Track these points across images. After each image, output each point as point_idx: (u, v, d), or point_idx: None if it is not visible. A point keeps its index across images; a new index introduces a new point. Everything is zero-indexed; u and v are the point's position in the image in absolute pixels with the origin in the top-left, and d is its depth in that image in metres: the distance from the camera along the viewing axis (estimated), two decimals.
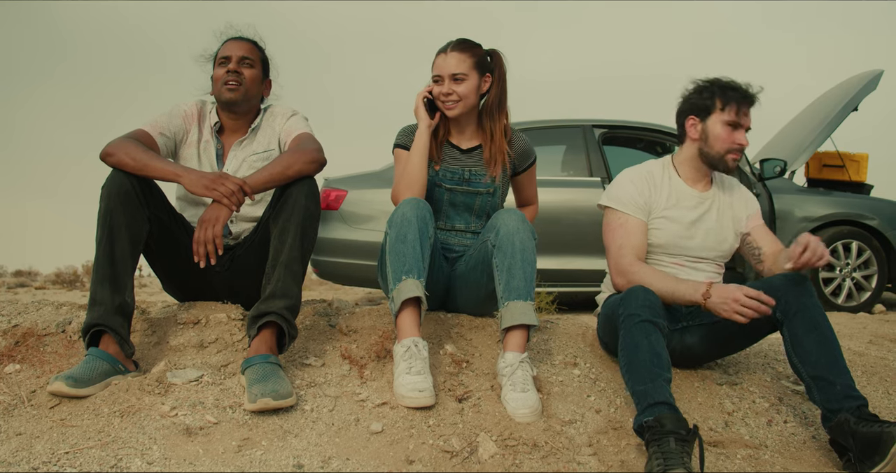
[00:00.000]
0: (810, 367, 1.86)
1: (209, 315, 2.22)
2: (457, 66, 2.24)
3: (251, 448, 1.63)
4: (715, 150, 2.15)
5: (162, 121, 2.24)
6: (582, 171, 4.71)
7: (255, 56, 2.32)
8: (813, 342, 1.87)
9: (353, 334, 2.22)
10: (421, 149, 2.24)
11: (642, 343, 1.82)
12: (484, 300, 2.28)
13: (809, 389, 1.87)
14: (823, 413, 1.83)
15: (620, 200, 2.19)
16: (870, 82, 4.94)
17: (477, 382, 2.01)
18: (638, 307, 1.87)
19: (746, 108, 2.13)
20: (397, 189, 2.24)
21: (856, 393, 1.80)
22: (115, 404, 1.76)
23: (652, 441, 1.65)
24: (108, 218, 1.91)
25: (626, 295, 1.92)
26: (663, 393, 1.73)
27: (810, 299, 1.92)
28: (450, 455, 1.67)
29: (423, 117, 2.28)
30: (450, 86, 2.25)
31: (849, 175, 5.48)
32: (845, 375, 1.83)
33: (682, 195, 2.21)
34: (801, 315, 1.90)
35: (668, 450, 1.59)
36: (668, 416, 1.67)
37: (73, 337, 2.11)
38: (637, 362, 1.80)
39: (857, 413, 1.75)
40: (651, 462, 1.61)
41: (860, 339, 3.12)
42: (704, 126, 2.16)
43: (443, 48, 2.28)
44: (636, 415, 1.75)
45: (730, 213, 2.24)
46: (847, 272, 4.72)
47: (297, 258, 1.98)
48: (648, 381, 1.76)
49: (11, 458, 1.56)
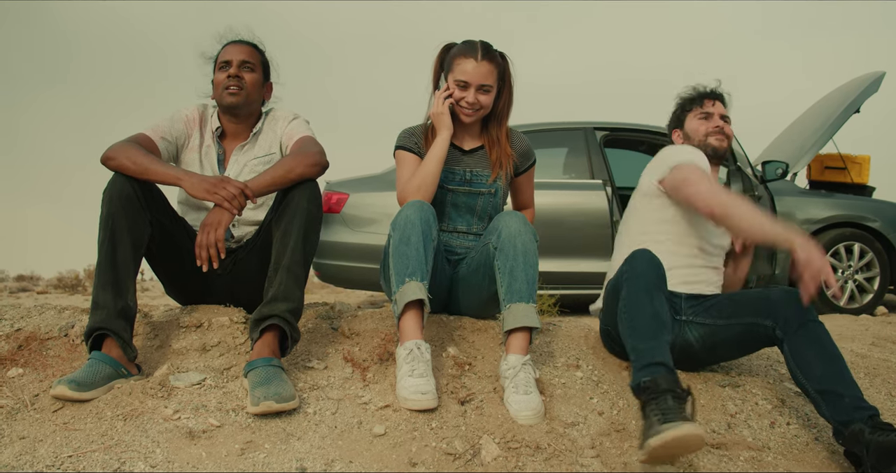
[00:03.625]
0: (816, 382, 1.84)
1: (211, 318, 2.22)
2: (486, 77, 2.20)
3: (254, 452, 1.63)
4: (696, 140, 2.34)
5: (163, 125, 2.24)
6: (584, 174, 4.72)
7: (256, 60, 2.32)
8: (816, 356, 1.86)
9: (356, 337, 2.22)
10: (441, 157, 2.20)
11: (646, 303, 1.84)
12: (486, 302, 2.28)
13: (817, 404, 1.84)
14: (835, 427, 1.80)
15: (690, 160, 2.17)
16: (871, 84, 4.94)
17: (479, 384, 2.01)
18: (644, 269, 1.90)
19: (710, 101, 2.36)
20: (406, 190, 2.19)
21: (865, 404, 1.77)
22: (118, 407, 1.76)
23: (650, 400, 1.67)
24: (110, 222, 1.92)
25: (632, 258, 1.94)
26: (663, 353, 1.76)
27: (810, 314, 1.92)
28: (453, 457, 1.67)
29: (449, 124, 2.24)
30: (475, 95, 2.22)
31: (851, 177, 5.48)
32: (853, 387, 1.81)
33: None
34: (802, 331, 1.90)
35: (665, 407, 1.62)
36: (664, 376, 1.70)
37: (76, 341, 2.12)
38: (639, 319, 1.82)
39: (870, 423, 1.73)
40: (650, 418, 1.63)
41: (862, 341, 3.12)
42: (684, 130, 2.40)
43: (471, 53, 2.21)
44: (634, 373, 1.77)
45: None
46: (849, 274, 4.71)
47: (300, 261, 1.98)
48: (650, 339, 1.78)
49: (15, 462, 1.56)
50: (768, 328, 1.96)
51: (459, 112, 2.26)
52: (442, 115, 2.23)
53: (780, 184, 4.79)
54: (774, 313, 1.95)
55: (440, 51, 2.34)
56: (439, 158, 2.20)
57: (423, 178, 2.19)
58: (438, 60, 2.34)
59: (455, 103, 2.25)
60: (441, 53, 2.34)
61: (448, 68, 2.26)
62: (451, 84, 2.24)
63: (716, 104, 2.36)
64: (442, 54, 2.34)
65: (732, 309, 2.07)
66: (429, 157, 2.21)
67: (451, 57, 2.26)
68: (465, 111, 2.25)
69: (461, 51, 2.24)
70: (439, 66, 2.34)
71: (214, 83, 2.31)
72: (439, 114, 2.24)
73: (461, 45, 2.27)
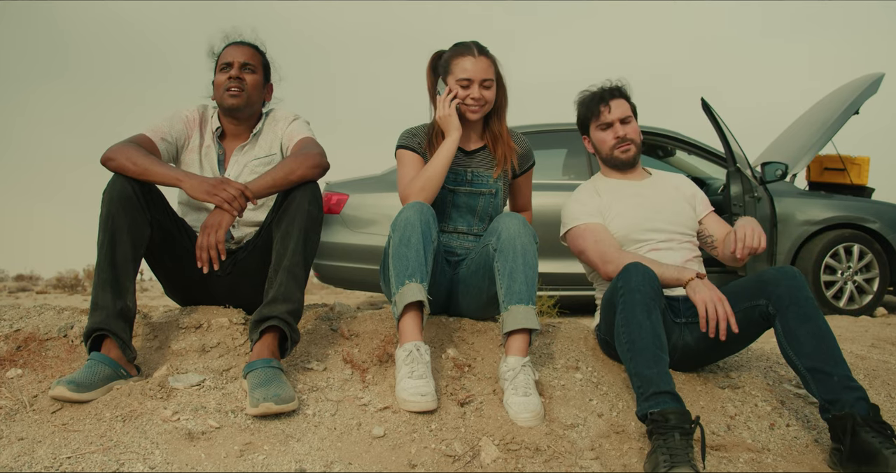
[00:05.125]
0: (806, 359, 1.85)
1: (211, 319, 2.22)
2: (486, 71, 2.23)
3: (253, 453, 1.63)
4: (604, 153, 2.39)
5: (163, 126, 2.24)
6: (583, 175, 4.72)
7: (257, 61, 2.32)
8: (807, 333, 1.87)
9: (355, 338, 2.22)
10: (449, 158, 2.21)
11: (644, 322, 1.84)
12: (486, 304, 2.28)
13: (806, 381, 1.86)
14: (821, 403, 1.82)
15: (573, 217, 2.35)
16: (871, 85, 4.94)
17: (479, 386, 2.01)
18: (638, 282, 1.90)
19: (606, 106, 2.33)
20: (410, 190, 2.19)
21: (854, 384, 1.79)
22: (117, 408, 1.75)
23: (657, 435, 1.68)
24: (110, 222, 1.92)
25: (626, 271, 1.94)
26: (668, 380, 1.77)
27: (802, 292, 1.92)
28: (452, 459, 1.67)
29: (458, 125, 2.24)
30: (479, 91, 2.23)
31: (850, 178, 5.48)
32: (842, 365, 1.82)
33: (619, 187, 2.39)
34: (793, 307, 1.91)
35: (673, 446, 1.63)
36: (672, 410, 1.71)
37: (75, 342, 2.11)
38: (639, 342, 1.82)
39: (864, 413, 1.74)
40: (656, 456, 1.64)
41: (862, 343, 3.12)
42: (591, 139, 2.43)
43: (467, 51, 2.24)
44: (639, 401, 1.78)
45: (673, 189, 2.41)
46: (848, 275, 4.71)
47: (300, 262, 1.98)
48: (653, 365, 1.79)
49: (13, 463, 1.56)
50: (762, 306, 1.98)
51: (466, 110, 2.27)
52: (450, 117, 2.23)
53: (779, 186, 4.79)
54: (767, 291, 1.96)
55: (431, 59, 2.37)
56: (447, 159, 2.21)
57: (429, 178, 2.19)
58: (430, 68, 2.37)
59: (461, 102, 2.26)
60: (432, 61, 2.37)
61: (446, 71, 2.27)
62: (452, 85, 2.25)
63: (611, 109, 2.32)
64: (433, 62, 2.36)
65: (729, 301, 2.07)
66: (436, 158, 2.21)
67: (447, 60, 2.28)
68: (471, 108, 2.26)
69: (456, 52, 2.26)
70: (433, 73, 2.36)
71: (215, 84, 2.31)
72: (447, 117, 2.24)
73: (453, 48, 2.29)
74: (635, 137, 2.37)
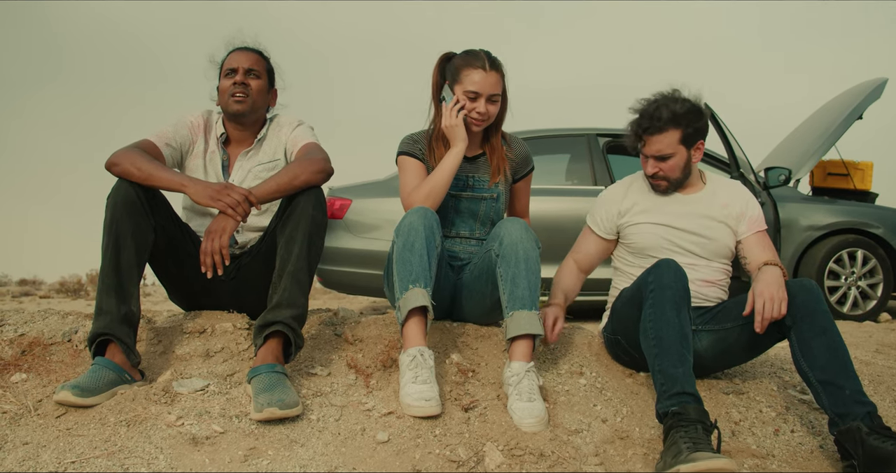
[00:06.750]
0: (819, 372, 1.85)
1: (215, 324, 2.23)
2: (495, 86, 2.21)
3: (257, 458, 1.63)
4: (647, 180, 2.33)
5: (168, 131, 2.25)
6: (586, 180, 4.72)
7: (261, 66, 2.33)
8: (821, 346, 1.86)
9: (359, 343, 2.22)
10: (454, 168, 2.20)
11: (673, 319, 1.84)
12: (489, 309, 2.28)
13: (817, 394, 1.85)
14: (831, 417, 1.81)
15: (589, 213, 2.45)
16: (874, 90, 4.95)
17: (483, 391, 2.00)
18: (671, 279, 1.89)
19: (641, 140, 2.24)
20: (414, 198, 2.19)
21: (865, 399, 1.78)
22: (122, 413, 1.76)
23: (678, 427, 1.69)
24: (114, 227, 1.92)
25: (657, 267, 1.94)
26: (692, 382, 1.78)
27: (819, 304, 1.92)
28: (456, 464, 1.67)
29: (464, 136, 2.23)
30: (485, 105, 2.22)
31: (853, 183, 5.48)
32: (854, 380, 1.81)
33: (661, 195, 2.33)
34: (809, 319, 1.90)
35: (696, 436, 1.64)
36: (694, 407, 1.72)
37: (80, 347, 2.12)
38: (667, 339, 1.82)
39: (869, 422, 1.73)
40: (678, 445, 1.64)
41: (866, 348, 3.11)
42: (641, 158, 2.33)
43: (478, 63, 2.21)
44: (661, 399, 1.78)
45: (720, 207, 2.28)
46: (852, 281, 4.70)
47: (304, 268, 1.98)
48: (679, 365, 1.79)
49: (18, 468, 1.56)
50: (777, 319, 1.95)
51: (471, 123, 2.26)
52: (457, 128, 2.22)
53: (782, 191, 4.78)
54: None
55: (439, 60, 2.35)
56: (452, 169, 2.21)
57: (434, 187, 2.18)
58: (438, 70, 2.34)
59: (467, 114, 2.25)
60: (440, 63, 2.34)
61: (454, 79, 2.25)
62: (459, 95, 2.23)
63: (647, 143, 2.22)
64: (441, 63, 2.34)
65: (741, 310, 2.06)
66: (441, 167, 2.21)
67: (456, 68, 2.25)
68: (475, 121, 2.25)
69: (467, 61, 2.23)
70: (439, 76, 2.34)
71: (220, 90, 2.31)
72: (454, 127, 2.22)
73: (464, 56, 2.26)
74: (670, 174, 2.23)
